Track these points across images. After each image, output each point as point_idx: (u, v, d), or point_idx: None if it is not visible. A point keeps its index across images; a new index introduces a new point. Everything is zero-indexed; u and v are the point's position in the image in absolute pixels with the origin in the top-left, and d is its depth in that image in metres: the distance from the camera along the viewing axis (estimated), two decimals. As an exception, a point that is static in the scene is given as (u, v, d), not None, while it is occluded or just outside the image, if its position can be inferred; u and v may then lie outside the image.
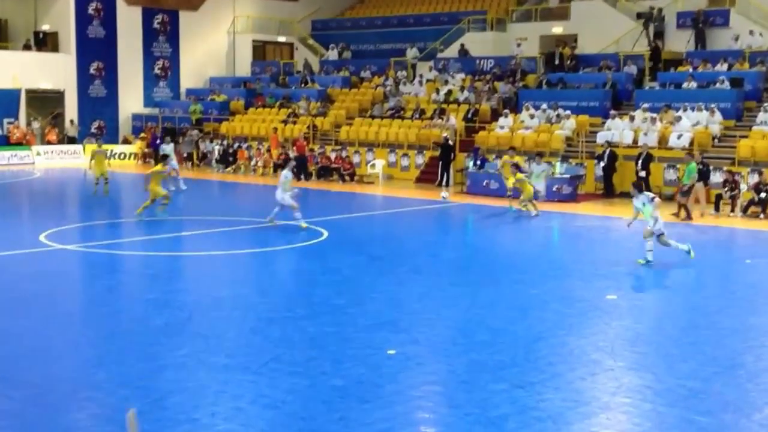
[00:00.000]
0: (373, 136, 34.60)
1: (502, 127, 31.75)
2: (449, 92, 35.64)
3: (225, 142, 37.73)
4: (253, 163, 35.46)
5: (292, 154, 33.21)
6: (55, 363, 9.83)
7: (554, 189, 26.71)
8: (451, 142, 30.96)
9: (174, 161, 28.84)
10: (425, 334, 11.16)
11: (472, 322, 11.88)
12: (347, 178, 32.10)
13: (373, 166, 32.85)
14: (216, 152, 37.10)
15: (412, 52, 41.61)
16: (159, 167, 22.27)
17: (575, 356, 10.32)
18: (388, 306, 12.78)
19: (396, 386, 9.11)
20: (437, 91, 35.97)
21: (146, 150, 39.26)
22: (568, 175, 26.92)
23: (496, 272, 15.48)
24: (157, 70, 44.33)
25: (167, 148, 29.60)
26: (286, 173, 20.39)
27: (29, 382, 9.08)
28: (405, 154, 33.33)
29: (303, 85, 41.50)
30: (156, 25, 43.96)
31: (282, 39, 47.65)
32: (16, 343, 10.57)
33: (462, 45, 39.55)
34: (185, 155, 37.12)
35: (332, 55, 44.53)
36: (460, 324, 11.91)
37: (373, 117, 36.28)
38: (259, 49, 47.47)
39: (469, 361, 10.02)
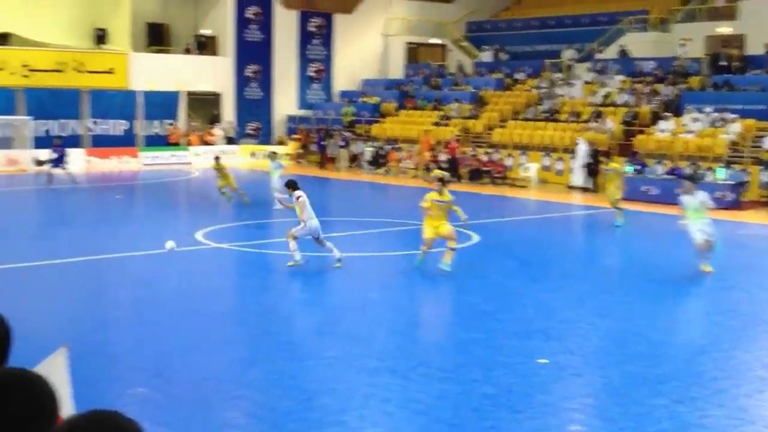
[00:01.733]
0: (527, 138, 34.11)
1: (662, 131, 30.73)
2: (607, 94, 34.77)
3: (376, 144, 38.02)
4: (403, 165, 35.57)
5: (443, 156, 33.14)
6: (208, 360, 9.98)
7: (716, 196, 25.58)
8: (597, 148, 30.14)
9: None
10: (578, 344, 10.79)
11: (628, 333, 11.41)
12: (498, 181, 31.76)
13: (526, 169, 32.37)
14: (367, 154, 37.43)
15: (568, 53, 40.78)
16: (435, 195, 15.15)
17: (740, 372, 9.77)
18: (539, 313, 12.44)
19: (548, 397, 8.82)
20: (594, 93, 35.15)
21: (300, 151, 40.05)
22: (731, 182, 25.76)
23: (654, 281, 14.87)
24: (311, 73, 45.03)
25: (275, 178, 23.95)
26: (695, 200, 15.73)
27: (184, 379, 9.24)
28: (559, 158, 32.66)
29: (455, 87, 41.36)
30: (311, 28, 44.67)
31: (435, 41, 47.62)
32: (171, 340, 10.80)
33: (621, 46, 38.55)
34: (330, 156, 37.91)
35: (486, 56, 44.21)
36: (616, 334, 11.47)
37: (526, 119, 35.79)
38: (412, 51, 47.59)
39: (626, 374, 9.60)
